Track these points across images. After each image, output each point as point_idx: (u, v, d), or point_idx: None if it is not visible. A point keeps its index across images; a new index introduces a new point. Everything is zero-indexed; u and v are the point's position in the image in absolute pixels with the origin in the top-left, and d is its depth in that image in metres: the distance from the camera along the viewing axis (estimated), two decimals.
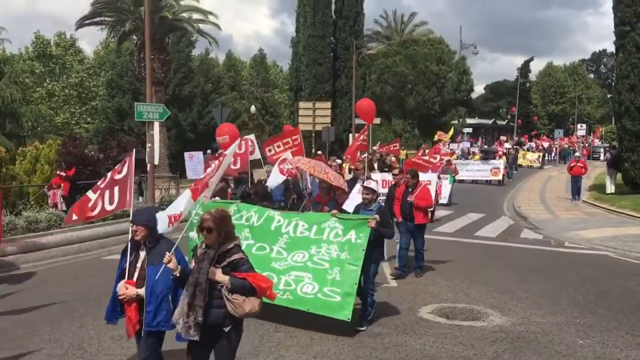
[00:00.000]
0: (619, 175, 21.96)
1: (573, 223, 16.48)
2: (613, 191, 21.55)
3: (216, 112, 21.86)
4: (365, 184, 7.77)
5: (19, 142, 27.57)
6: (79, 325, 7.46)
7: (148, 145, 15.77)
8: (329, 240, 6.94)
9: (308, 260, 6.92)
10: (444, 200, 18.67)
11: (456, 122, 49.33)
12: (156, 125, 15.80)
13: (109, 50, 44.10)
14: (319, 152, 25.89)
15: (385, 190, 14.04)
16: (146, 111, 15.42)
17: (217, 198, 8.77)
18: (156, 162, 16.23)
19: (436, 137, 25.48)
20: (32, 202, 16.77)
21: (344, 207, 8.25)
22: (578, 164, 21.49)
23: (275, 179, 10.59)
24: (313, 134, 29.68)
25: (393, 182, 11.18)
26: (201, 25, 29.55)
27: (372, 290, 7.56)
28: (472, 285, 9.48)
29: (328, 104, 30.08)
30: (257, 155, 12.92)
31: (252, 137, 13.19)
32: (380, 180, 14.21)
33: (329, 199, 8.73)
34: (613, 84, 23.43)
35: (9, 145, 27.26)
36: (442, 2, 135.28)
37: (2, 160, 19.56)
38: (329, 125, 29.25)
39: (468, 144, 33.81)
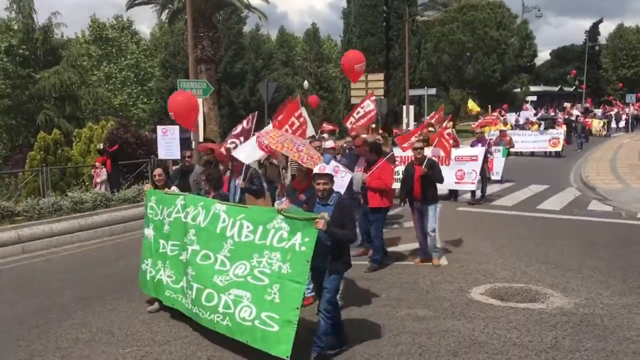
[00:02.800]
0: None
1: None
2: None
3: (262, 88, 21.45)
4: (318, 169, 5.62)
5: (78, 125, 28.20)
6: (111, 308, 7.26)
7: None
8: (272, 246, 5.41)
9: (249, 274, 5.49)
10: (496, 176, 17.01)
11: (518, 90, 47.11)
12: (200, 101, 15.51)
13: (164, 31, 44.54)
14: (373, 126, 24.95)
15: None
16: (189, 87, 15.16)
17: (174, 188, 7.31)
18: (201, 139, 16.00)
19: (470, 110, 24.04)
20: (86, 182, 17.09)
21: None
22: None
23: (251, 153, 8.33)
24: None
25: (412, 159, 9.34)
26: (250, 0, 29.16)
27: (329, 313, 5.44)
28: (531, 263, 8.69)
29: (381, 76, 28.99)
30: (310, 132, 10.71)
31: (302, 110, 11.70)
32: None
33: (307, 184, 6.77)
34: None
35: (69, 127, 27.99)
36: None
37: (58, 142, 20.09)
38: (382, 97, 28.29)
39: (530, 113, 31.87)
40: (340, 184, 6.56)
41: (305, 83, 43.55)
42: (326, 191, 5.54)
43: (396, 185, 10.59)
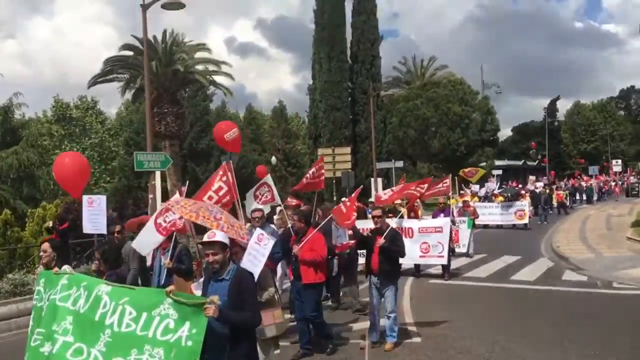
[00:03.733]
0: None
1: (619, 261, 14.76)
2: None
3: (224, 160, 20.87)
4: (206, 237, 4.70)
5: (36, 205, 27.06)
6: None
7: (150, 196, 14.85)
8: (155, 340, 4.32)
9: None
10: (462, 248, 16.37)
11: (484, 163, 47.82)
12: (158, 175, 14.86)
13: (130, 110, 44.45)
14: (343, 199, 24.50)
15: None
16: (146, 160, 14.48)
17: (66, 267, 5.80)
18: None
19: (461, 174, 23.80)
20: (35, 264, 15.98)
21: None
22: None
23: (147, 242, 7.47)
24: (334, 181, 28.61)
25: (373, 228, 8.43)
26: (216, 78, 29.29)
27: None
28: (510, 337, 8.00)
29: (347, 149, 29.10)
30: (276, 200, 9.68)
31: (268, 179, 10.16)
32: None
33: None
34: None
35: (24, 208, 26.86)
36: (462, 49, 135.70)
37: (8, 222, 19.04)
38: (349, 170, 28.18)
39: (493, 185, 31.94)
40: (262, 253, 5.62)
41: (273, 159, 43.45)
42: (218, 263, 4.49)
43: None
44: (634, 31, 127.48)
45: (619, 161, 49.75)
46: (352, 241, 8.96)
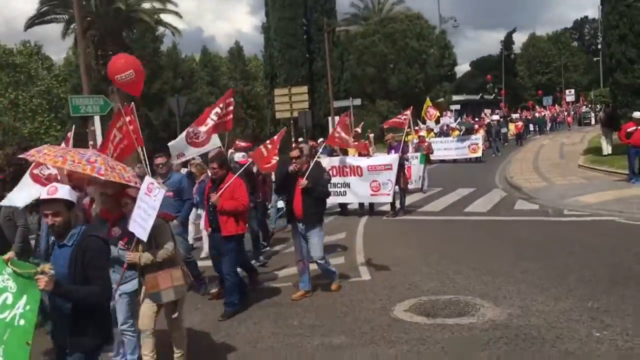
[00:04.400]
0: (616, 136, 20.47)
1: (570, 189, 14.99)
2: (610, 152, 20.00)
3: (172, 103, 20.22)
4: (46, 192, 3.77)
5: None
6: None
7: (90, 143, 14.14)
8: None
9: None
10: (415, 184, 16.00)
11: (442, 99, 47.84)
12: (97, 119, 14.16)
13: (77, 54, 42.26)
14: (300, 139, 24.10)
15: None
16: (83, 104, 13.78)
17: None
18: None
19: (424, 114, 23.50)
20: None
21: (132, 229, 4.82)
22: None
23: (23, 194, 6.75)
24: (291, 121, 28.07)
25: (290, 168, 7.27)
26: (164, 17, 27.94)
27: None
28: (460, 271, 7.96)
29: (304, 89, 28.39)
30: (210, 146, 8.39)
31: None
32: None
33: (120, 213, 5.14)
34: (600, 39, 21.88)
35: None
36: None
37: None
38: (307, 109, 27.64)
39: (450, 120, 31.93)
40: (152, 206, 4.77)
41: None
42: (59, 226, 3.67)
43: None
44: None
45: (572, 91, 50.38)
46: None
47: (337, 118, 27.98)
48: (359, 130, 23.07)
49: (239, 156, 9.87)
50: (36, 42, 45.39)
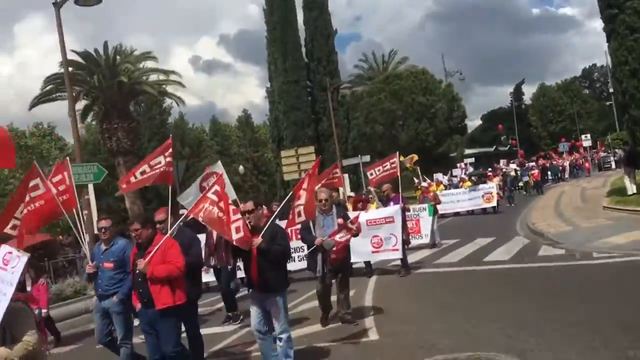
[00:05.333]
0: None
1: (597, 231, 13.91)
2: (634, 191, 18.92)
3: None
4: None
5: None
6: None
7: (85, 212, 13.54)
8: None
9: None
10: (425, 238, 15.02)
11: (454, 153, 47.26)
12: (91, 188, 13.61)
13: (90, 132, 42.76)
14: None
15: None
16: (75, 173, 13.17)
17: None
18: (95, 231, 13.95)
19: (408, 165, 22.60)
20: None
21: None
22: None
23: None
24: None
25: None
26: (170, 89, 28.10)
27: None
28: (479, 323, 6.98)
29: (311, 148, 28.01)
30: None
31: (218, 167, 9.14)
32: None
33: None
34: (610, 74, 21.29)
35: None
36: (424, 45, 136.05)
37: None
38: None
39: (459, 171, 31.17)
40: (9, 281, 3.88)
41: (241, 168, 42.29)
42: None
43: None
44: (590, 12, 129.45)
45: (588, 136, 49.49)
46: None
47: (345, 176, 27.49)
48: (371, 188, 22.30)
49: None
50: (49, 123, 46.25)
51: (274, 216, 6.35)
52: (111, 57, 25.08)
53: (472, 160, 49.56)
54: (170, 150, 7.02)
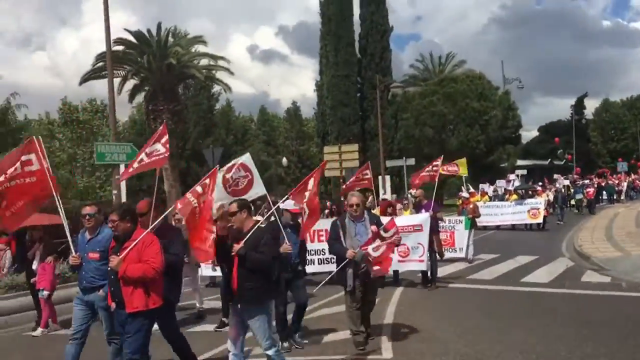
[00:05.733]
0: None
1: None
2: None
3: (207, 154, 19.53)
4: None
5: None
6: None
7: (114, 192, 13.45)
8: None
9: None
10: (459, 252, 14.08)
11: (505, 164, 45.58)
12: (122, 169, 13.43)
13: (141, 112, 43.39)
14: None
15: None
16: (109, 152, 13.10)
17: None
18: None
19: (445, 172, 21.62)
20: None
21: None
22: None
23: None
24: (341, 180, 26.94)
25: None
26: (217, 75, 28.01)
27: None
28: (503, 352, 6.28)
29: (355, 146, 27.35)
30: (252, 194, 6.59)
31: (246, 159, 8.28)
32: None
33: None
34: None
35: None
36: (486, 51, 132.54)
37: None
38: (357, 168, 26.48)
39: (503, 183, 29.76)
40: None
41: (284, 160, 42.00)
42: None
43: None
44: None
45: None
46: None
47: (387, 177, 26.76)
48: (412, 192, 21.42)
49: (290, 204, 8.04)
50: (102, 100, 47.32)
51: (261, 222, 5.63)
52: (163, 39, 25.10)
53: (525, 172, 47.76)
54: (167, 137, 6.72)
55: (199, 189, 5.58)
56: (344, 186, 14.90)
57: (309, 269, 11.18)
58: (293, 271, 7.10)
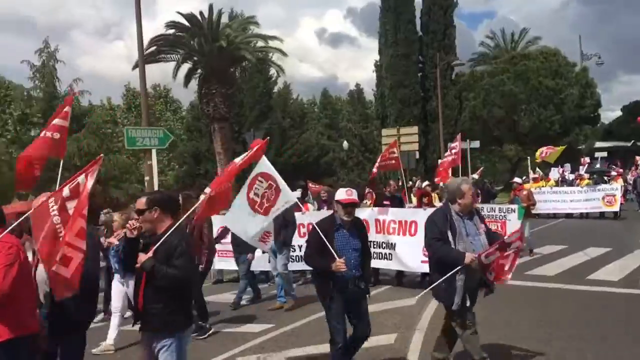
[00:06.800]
0: None
1: None
2: None
3: (248, 136, 19.02)
4: None
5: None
6: None
7: (146, 178, 13.00)
8: None
9: None
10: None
11: (582, 146, 42.49)
12: (154, 154, 12.92)
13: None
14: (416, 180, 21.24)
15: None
16: (140, 137, 12.59)
17: None
18: None
19: (538, 156, 20.04)
20: None
21: None
22: None
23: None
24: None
25: None
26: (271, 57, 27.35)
27: None
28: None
29: (415, 129, 25.90)
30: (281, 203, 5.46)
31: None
32: None
33: None
34: None
35: None
36: (565, 28, 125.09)
37: None
38: (417, 151, 25.14)
39: (568, 166, 27.34)
40: None
41: (345, 143, 40.99)
42: None
43: None
44: None
45: None
46: None
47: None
48: (475, 176, 19.83)
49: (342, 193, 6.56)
50: (165, 85, 48.12)
51: (177, 224, 4.27)
52: (214, 21, 24.61)
53: (605, 154, 44.39)
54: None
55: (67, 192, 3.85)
56: (374, 169, 13.86)
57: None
58: (355, 288, 5.32)
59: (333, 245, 5.11)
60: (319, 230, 5.17)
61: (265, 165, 5.45)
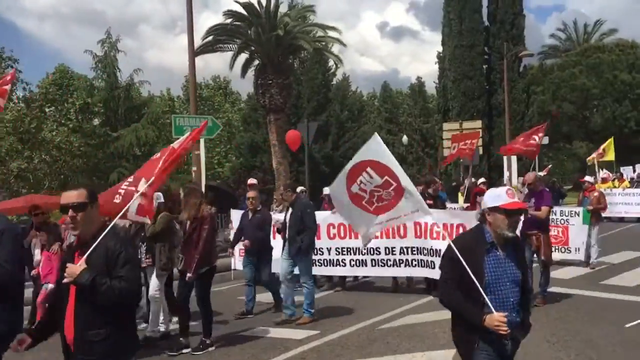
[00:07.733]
0: None
1: None
2: None
3: (301, 128, 18.40)
4: None
5: None
6: None
7: (193, 169, 12.68)
8: None
9: None
10: (576, 254, 11.06)
11: None
12: (202, 144, 12.57)
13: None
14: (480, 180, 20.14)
15: None
16: (188, 125, 12.22)
17: None
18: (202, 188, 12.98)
19: (593, 158, 18.79)
20: None
21: None
22: None
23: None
24: (460, 159, 24.49)
25: None
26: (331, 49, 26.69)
27: None
28: None
29: (478, 123, 24.74)
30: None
31: None
32: None
33: None
34: None
35: None
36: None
37: None
38: (480, 147, 23.89)
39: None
40: None
41: (404, 138, 39.89)
42: None
43: None
44: None
45: None
46: None
47: (513, 158, 23.80)
48: (541, 174, 18.65)
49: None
50: (225, 77, 48.38)
51: (114, 221, 3.44)
52: (272, 10, 24.12)
53: None
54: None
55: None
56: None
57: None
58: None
59: (482, 277, 3.24)
60: (457, 252, 3.29)
61: (376, 146, 4.17)
